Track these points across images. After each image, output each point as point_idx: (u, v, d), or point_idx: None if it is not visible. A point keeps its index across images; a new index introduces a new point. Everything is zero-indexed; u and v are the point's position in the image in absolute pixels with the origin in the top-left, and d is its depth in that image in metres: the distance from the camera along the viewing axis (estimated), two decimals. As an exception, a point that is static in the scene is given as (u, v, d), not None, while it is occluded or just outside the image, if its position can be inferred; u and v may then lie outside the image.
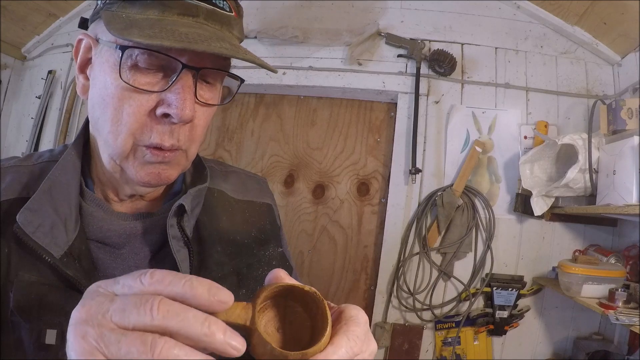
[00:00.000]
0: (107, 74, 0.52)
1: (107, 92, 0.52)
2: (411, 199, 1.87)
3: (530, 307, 1.79)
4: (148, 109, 0.52)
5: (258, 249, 0.69)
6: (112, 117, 0.52)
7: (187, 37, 0.48)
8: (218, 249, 0.63)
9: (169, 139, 0.53)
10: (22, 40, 2.27)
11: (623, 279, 1.45)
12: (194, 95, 0.53)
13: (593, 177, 1.55)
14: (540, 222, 1.81)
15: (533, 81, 1.90)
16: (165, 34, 0.47)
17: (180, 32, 0.48)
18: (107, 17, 0.51)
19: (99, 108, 0.54)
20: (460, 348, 1.81)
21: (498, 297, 1.75)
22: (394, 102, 1.99)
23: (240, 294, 0.62)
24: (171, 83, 0.51)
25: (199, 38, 0.48)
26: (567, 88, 1.88)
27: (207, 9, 0.53)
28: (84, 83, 0.58)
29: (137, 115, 0.52)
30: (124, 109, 0.52)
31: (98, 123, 0.55)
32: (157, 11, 0.51)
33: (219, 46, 0.49)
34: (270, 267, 0.68)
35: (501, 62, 1.92)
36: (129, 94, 0.51)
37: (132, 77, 0.51)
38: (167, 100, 0.52)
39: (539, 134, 1.77)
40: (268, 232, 0.73)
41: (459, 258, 1.83)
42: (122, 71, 0.51)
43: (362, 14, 1.98)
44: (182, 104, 0.51)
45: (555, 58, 1.91)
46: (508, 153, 1.86)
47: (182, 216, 0.59)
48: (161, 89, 0.52)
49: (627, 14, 1.60)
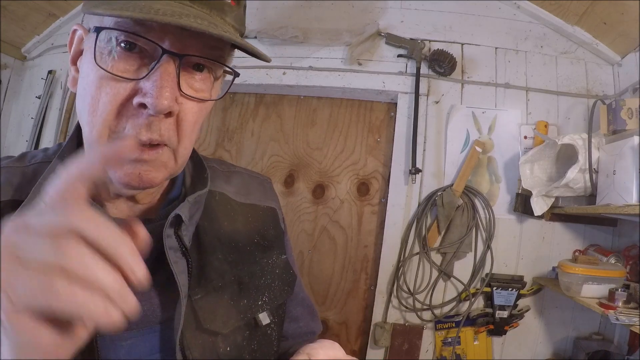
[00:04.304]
0: (89, 62, 0.49)
1: (87, 81, 0.49)
2: (411, 199, 1.87)
3: (530, 307, 1.79)
4: (124, 97, 0.48)
5: (261, 257, 0.66)
6: (89, 107, 0.49)
7: (158, 12, 0.43)
8: (219, 256, 0.60)
9: (146, 133, 0.48)
10: (22, 40, 2.27)
11: (623, 279, 1.45)
12: (176, 85, 0.48)
13: (593, 177, 1.55)
14: (540, 222, 1.81)
15: (533, 81, 1.90)
16: (134, 8, 0.43)
17: (152, 8, 0.43)
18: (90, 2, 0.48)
19: (80, 98, 0.51)
20: (460, 348, 1.81)
21: (498, 297, 1.75)
22: (394, 102, 1.99)
23: (241, 304, 0.60)
24: (150, 70, 0.47)
25: (172, 14, 0.43)
26: (567, 88, 1.88)
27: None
28: (74, 75, 0.55)
29: (113, 104, 0.47)
30: (100, 98, 0.48)
31: (82, 116, 0.51)
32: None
33: (194, 22, 0.43)
34: (273, 276, 0.66)
35: (501, 62, 1.92)
36: (107, 81, 0.47)
37: (110, 63, 0.47)
38: (143, 88, 0.47)
39: (539, 134, 1.77)
40: (271, 238, 0.70)
41: (459, 258, 1.83)
42: (98, 55, 0.47)
43: (362, 14, 1.98)
44: (159, 92, 0.46)
45: (555, 58, 1.91)
46: (508, 153, 1.86)
47: (179, 225, 0.55)
48: (138, 77, 0.47)
49: (627, 14, 1.60)
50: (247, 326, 0.60)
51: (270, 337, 0.64)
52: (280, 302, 0.67)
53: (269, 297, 0.64)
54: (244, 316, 0.60)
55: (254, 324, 0.61)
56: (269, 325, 0.63)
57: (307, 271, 2.02)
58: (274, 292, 0.65)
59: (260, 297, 0.63)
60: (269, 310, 0.63)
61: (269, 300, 0.64)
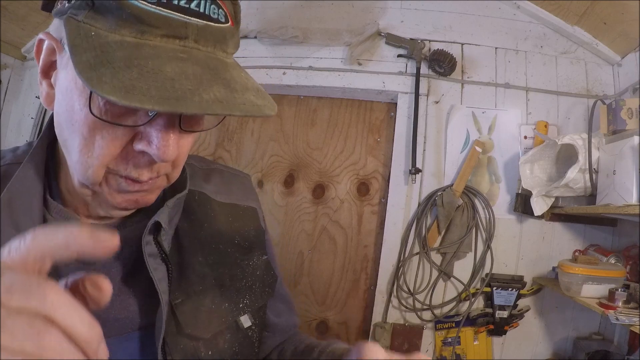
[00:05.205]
0: (74, 97, 0.43)
1: (74, 118, 0.44)
2: (411, 199, 1.87)
3: (530, 307, 1.79)
4: (124, 142, 0.45)
5: (241, 258, 0.64)
6: (81, 147, 0.45)
7: (173, 86, 0.38)
8: (199, 259, 0.59)
9: (148, 173, 0.47)
10: (22, 40, 2.27)
11: (623, 279, 1.45)
12: (178, 127, 0.45)
13: (593, 177, 1.55)
14: (540, 222, 1.81)
15: (533, 81, 1.90)
16: (145, 82, 0.38)
17: (165, 77, 0.39)
18: (72, 31, 0.41)
19: (67, 130, 0.46)
20: (460, 348, 1.80)
21: (498, 297, 1.75)
22: (394, 102, 1.99)
23: (222, 307, 0.59)
24: (152, 115, 0.43)
25: (188, 87, 0.39)
26: (567, 88, 1.88)
27: (199, 26, 0.43)
28: (48, 91, 0.49)
29: (111, 149, 0.44)
30: (95, 141, 0.44)
31: (66, 145, 0.47)
32: (134, 31, 0.41)
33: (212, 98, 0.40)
34: (254, 277, 0.65)
35: (501, 62, 1.92)
36: (101, 124, 0.43)
37: (104, 108, 0.42)
38: (146, 135, 0.44)
39: (539, 134, 1.77)
40: (252, 239, 0.68)
41: (458, 258, 1.83)
42: (93, 105, 0.42)
43: (362, 14, 1.98)
44: (164, 142, 0.43)
45: (555, 58, 1.91)
46: (508, 153, 1.86)
47: (158, 231, 0.54)
48: (140, 123, 0.44)
49: (627, 14, 1.60)
50: (228, 329, 0.60)
51: (252, 339, 0.63)
52: (262, 304, 0.66)
53: (250, 300, 0.63)
54: (225, 320, 0.59)
55: (236, 327, 0.61)
56: (250, 327, 0.63)
57: (307, 271, 2.02)
58: (255, 294, 0.64)
59: (242, 300, 0.62)
60: (250, 313, 0.63)
61: (250, 303, 0.63)
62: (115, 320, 0.52)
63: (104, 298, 0.31)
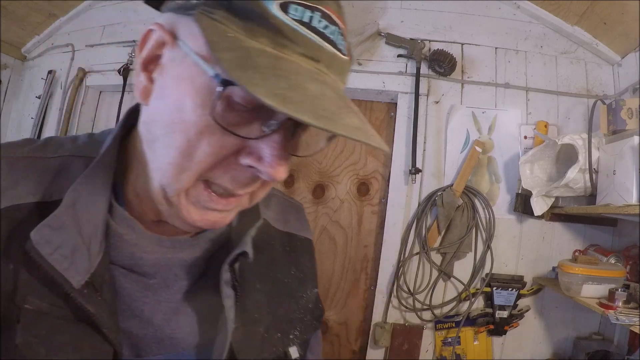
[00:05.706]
0: (186, 95, 0.41)
1: (181, 117, 0.41)
2: (411, 199, 1.87)
3: (530, 307, 1.79)
4: (229, 152, 0.42)
5: (296, 290, 0.64)
6: (181, 148, 0.41)
7: (320, 105, 0.36)
8: (257, 286, 0.57)
9: (244, 188, 0.44)
10: (22, 40, 2.27)
11: (623, 279, 1.45)
12: (290, 151, 0.43)
13: (593, 177, 1.55)
14: (540, 222, 1.81)
15: (533, 81, 1.90)
16: (295, 95, 0.35)
17: (312, 95, 0.37)
18: (207, 28, 0.39)
19: (163, 128, 0.43)
20: (460, 348, 1.81)
21: (498, 297, 1.75)
22: (394, 102, 1.99)
23: (275, 337, 0.58)
24: (268, 131, 0.41)
25: (332, 109, 0.37)
26: (567, 88, 1.88)
27: (329, 54, 0.42)
28: (145, 85, 0.45)
29: (216, 157, 0.42)
30: (200, 145, 0.41)
31: (156, 143, 0.44)
32: (273, 42, 0.39)
33: (352, 125, 0.38)
34: (305, 310, 0.65)
35: (501, 62, 1.92)
36: (212, 130, 0.40)
37: (222, 113, 0.40)
38: (257, 151, 0.41)
39: (539, 134, 1.77)
40: (307, 271, 0.68)
41: (458, 258, 1.83)
42: (215, 107, 0.39)
43: (362, 14, 1.98)
44: (279, 161, 0.41)
45: (555, 58, 1.91)
46: (508, 153, 1.86)
47: (236, 259, 0.53)
48: (254, 136, 0.41)
49: (627, 14, 1.60)
50: None
51: None
52: (309, 337, 0.66)
53: (300, 331, 0.63)
54: (276, 350, 0.59)
55: (284, 358, 0.60)
56: (298, 359, 0.62)
57: (307, 271, 2.02)
58: (304, 326, 0.64)
59: (292, 331, 0.62)
60: (298, 344, 0.62)
61: (300, 335, 0.63)
62: (168, 339, 0.52)
63: None
